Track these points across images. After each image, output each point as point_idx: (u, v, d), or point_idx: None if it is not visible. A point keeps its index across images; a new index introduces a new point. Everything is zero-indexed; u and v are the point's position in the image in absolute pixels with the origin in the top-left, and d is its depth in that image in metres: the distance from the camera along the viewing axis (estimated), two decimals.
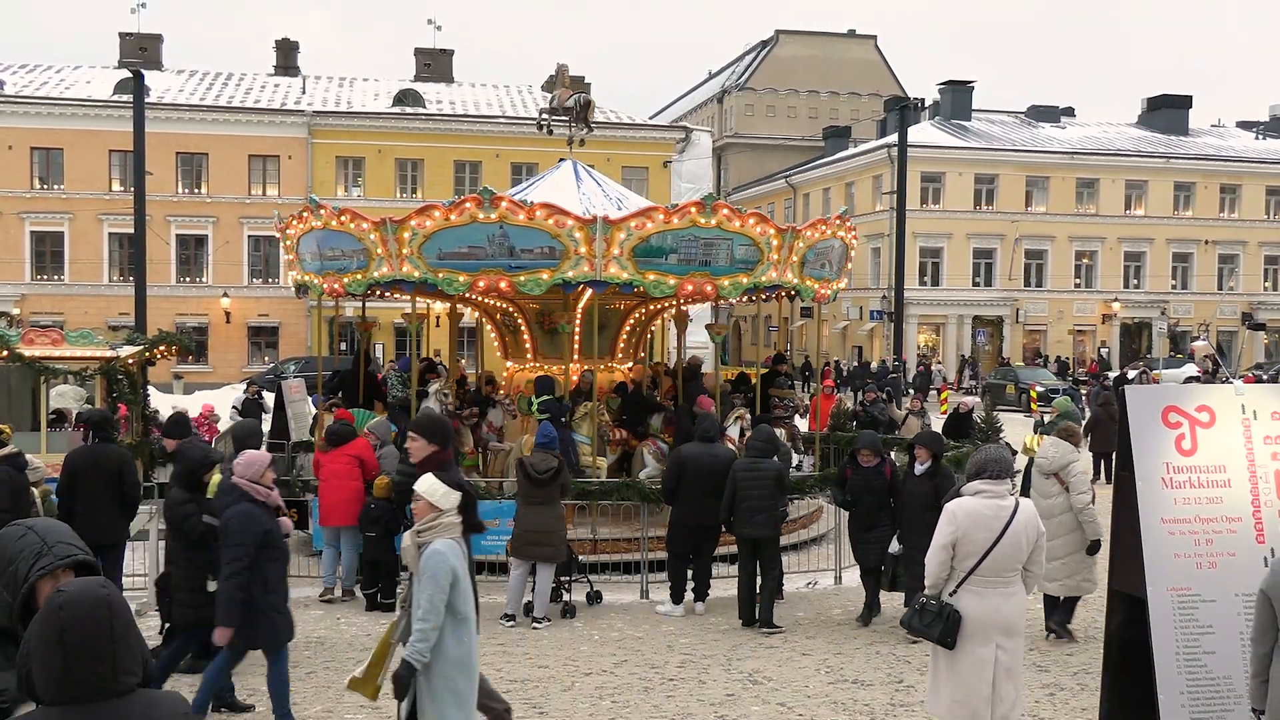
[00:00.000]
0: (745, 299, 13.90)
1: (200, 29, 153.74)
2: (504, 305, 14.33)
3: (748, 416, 13.19)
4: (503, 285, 11.88)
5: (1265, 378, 35.09)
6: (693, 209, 11.77)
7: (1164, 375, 33.45)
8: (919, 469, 9.30)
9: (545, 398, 11.91)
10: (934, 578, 5.82)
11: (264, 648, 6.84)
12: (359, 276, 12.13)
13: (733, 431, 12.69)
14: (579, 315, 13.76)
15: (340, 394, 14.06)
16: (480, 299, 14.04)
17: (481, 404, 13.69)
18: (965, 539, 5.70)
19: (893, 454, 15.81)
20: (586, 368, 13.78)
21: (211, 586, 6.94)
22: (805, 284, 13.00)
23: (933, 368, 43.33)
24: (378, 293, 12.95)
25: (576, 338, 13.95)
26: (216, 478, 7.49)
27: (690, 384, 14.26)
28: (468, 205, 11.42)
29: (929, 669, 6.13)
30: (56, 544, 2.95)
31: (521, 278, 11.61)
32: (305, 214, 12.59)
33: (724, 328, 15.09)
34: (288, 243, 13.36)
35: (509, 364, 15.05)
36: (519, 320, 14.44)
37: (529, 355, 14.53)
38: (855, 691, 7.92)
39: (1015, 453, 10.96)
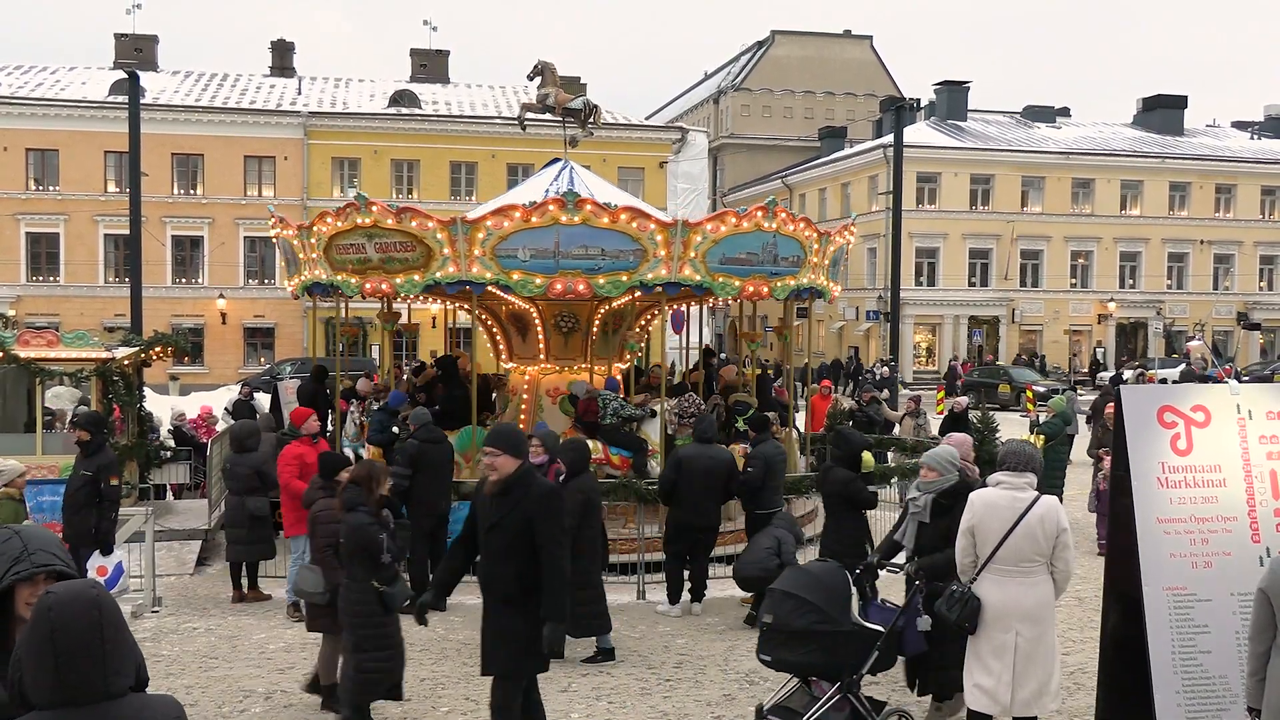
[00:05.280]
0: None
1: (196, 30, 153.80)
2: (524, 308, 13.63)
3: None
4: (765, 290, 12.21)
5: (1240, 374, 35.01)
6: (851, 228, 13.80)
7: (1159, 375, 33.45)
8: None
9: (753, 414, 12.13)
10: (959, 564, 6.04)
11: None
12: (623, 277, 11.39)
13: None
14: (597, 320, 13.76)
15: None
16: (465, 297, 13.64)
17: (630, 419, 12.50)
18: (980, 527, 5.88)
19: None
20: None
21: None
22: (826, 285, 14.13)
23: (958, 367, 41.30)
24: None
25: (639, 341, 14.53)
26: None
27: (762, 379, 15.48)
28: (758, 213, 11.66)
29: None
30: (37, 551, 2.90)
31: (777, 284, 12.16)
32: (550, 206, 11.10)
33: (759, 334, 16.20)
34: (480, 234, 11.17)
35: (509, 365, 14.89)
36: (535, 321, 13.76)
37: (541, 356, 13.98)
38: None
39: None
